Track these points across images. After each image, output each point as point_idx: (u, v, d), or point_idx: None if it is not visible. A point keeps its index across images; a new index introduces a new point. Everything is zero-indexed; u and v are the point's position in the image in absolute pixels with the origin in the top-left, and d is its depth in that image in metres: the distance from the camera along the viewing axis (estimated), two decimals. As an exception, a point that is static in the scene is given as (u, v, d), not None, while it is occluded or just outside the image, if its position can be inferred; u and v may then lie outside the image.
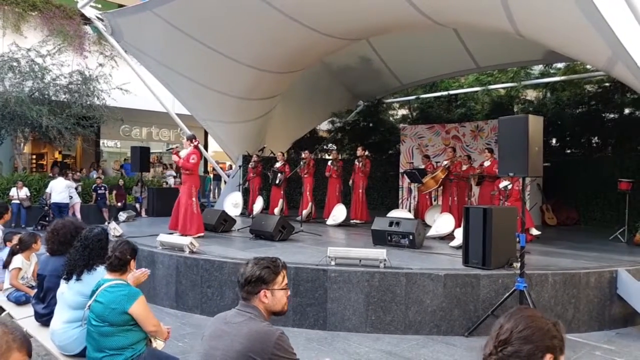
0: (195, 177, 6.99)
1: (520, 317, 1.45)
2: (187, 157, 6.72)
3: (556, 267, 5.09)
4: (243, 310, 1.98)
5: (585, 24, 5.06)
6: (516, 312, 1.49)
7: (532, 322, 1.41)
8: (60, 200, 11.42)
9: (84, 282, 2.91)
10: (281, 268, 2.07)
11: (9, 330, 1.33)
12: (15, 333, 1.34)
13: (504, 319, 1.44)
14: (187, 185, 6.86)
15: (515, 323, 1.43)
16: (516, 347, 1.37)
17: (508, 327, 1.42)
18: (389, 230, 6.25)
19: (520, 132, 4.34)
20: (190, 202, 6.82)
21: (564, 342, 1.39)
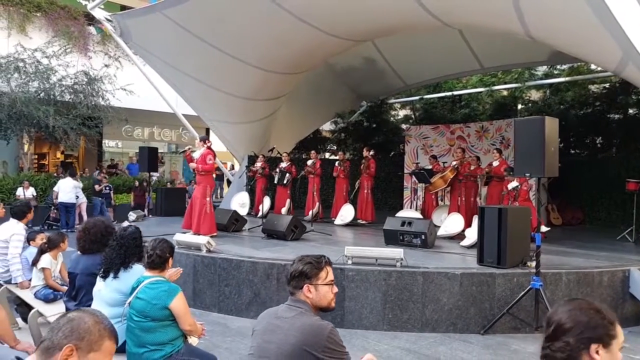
0: (210, 177, 7.07)
1: (563, 311, 1.50)
2: (203, 159, 6.80)
3: (569, 266, 5.18)
4: (293, 305, 2.05)
5: (597, 26, 5.15)
6: (562, 306, 1.54)
7: (574, 315, 1.46)
8: (67, 200, 11.47)
9: (121, 280, 2.98)
10: (324, 264, 2.13)
11: (99, 319, 1.42)
12: (105, 322, 1.44)
13: (552, 313, 1.49)
14: (202, 186, 6.93)
15: (559, 317, 1.49)
16: (561, 343, 1.43)
17: (553, 322, 1.48)
18: (401, 230, 6.33)
19: (536, 133, 4.42)
20: (204, 202, 6.89)
21: (611, 327, 1.41)
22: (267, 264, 5.16)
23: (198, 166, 6.82)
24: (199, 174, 7.01)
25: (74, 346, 1.31)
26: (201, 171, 6.88)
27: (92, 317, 1.40)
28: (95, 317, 1.41)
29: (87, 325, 1.36)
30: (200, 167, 6.80)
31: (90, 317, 1.40)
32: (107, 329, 1.41)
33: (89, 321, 1.38)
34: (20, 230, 4.68)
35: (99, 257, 3.54)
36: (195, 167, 6.90)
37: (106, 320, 1.44)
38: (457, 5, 6.41)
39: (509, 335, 4.71)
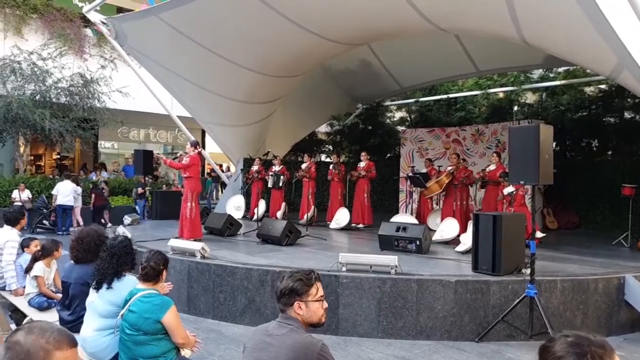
0: (193, 181, 7.04)
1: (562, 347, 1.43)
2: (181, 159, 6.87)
3: (564, 272, 5.18)
4: (284, 322, 2.03)
5: (592, 32, 5.17)
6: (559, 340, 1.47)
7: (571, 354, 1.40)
8: (66, 202, 11.48)
9: (114, 290, 2.96)
10: (314, 280, 2.12)
11: (40, 334, 1.27)
12: (47, 334, 1.28)
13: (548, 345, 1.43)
14: (185, 190, 6.97)
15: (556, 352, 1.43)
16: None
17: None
18: (396, 236, 6.32)
19: (531, 141, 4.42)
20: (185, 206, 6.90)
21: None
22: (261, 271, 5.15)
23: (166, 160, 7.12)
24: (183, 177, 7.04)
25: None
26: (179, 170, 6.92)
27: (31, 335, 1.26)
28: (33, 335, 1.27)
29: (27, 347, 1.24)
30: (168, 162, 6.96)
31: (29, 337, 1.26)
32: (52, 340, 1.27)
33: (27, 342, 1.25)
34: (14, 237, 4.66)
35: (93, 266, 3.54)
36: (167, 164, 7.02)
37: (49, 330, 1.29)
38: (454, 11, 6.41)
39: (503, 343, 4.71)
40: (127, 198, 14.85)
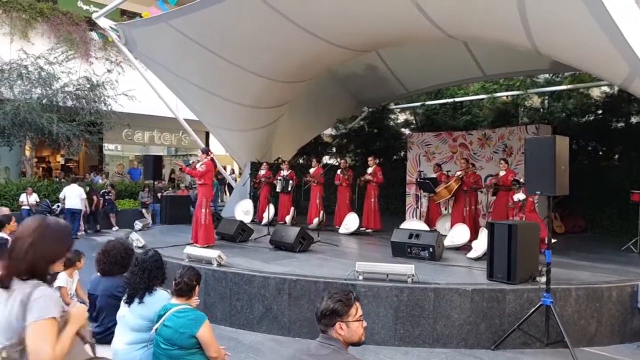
0: (207, 187, 7.13)
1: None
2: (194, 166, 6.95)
3: (578, 281, 5.23)
4: (325, 342, 2.08)
5: (605, 41, 5.21)
6: None
7: None
8: (74, 206, 11.55)
9: (146, 305, 3.01)
10: (354, 300, 2.17)
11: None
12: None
13: None
14: (199, 196, 7.04)
15: None
16: None
17: None
18: (408, 243, 6.38)
19: (547, 152, 4.47)
20: (199, 213, 6.96)
21: None
22: (278, 279, 5.20)
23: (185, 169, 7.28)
24: (197, 183, 7.11)
25: None
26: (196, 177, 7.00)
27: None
28: None
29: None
30: (187, 170, 7.04)
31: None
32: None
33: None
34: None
35: (119, 278, 3.59)
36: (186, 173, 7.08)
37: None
38: (464, 18, 6.46)
39: (519, 351, 4.76)
40: (133, 202, 14.90)
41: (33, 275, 1.80)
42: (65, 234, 1.95)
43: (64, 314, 1.80)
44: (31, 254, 1.79)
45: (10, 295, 1.77)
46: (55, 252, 1.87)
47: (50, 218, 2.02)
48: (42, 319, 1.71)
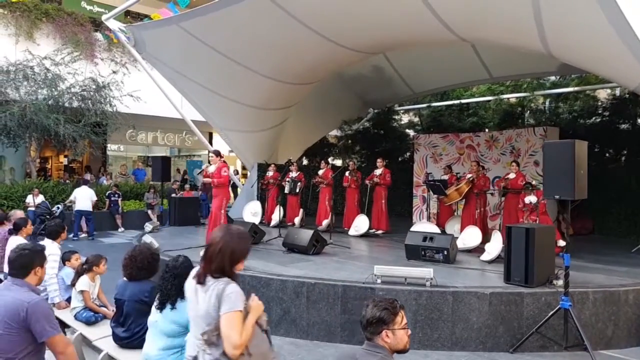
0: (226, 189, 7.16)
1: None
2: (218, 172, 6.92)
3: (594, 284, 5.27)
4: (372, 350, 2.11)
5: (620, 46, 5.25)
6: None
7: None
8: (85, 208, 11.62)
9: (178, 311, 3.02)
10: (399, 309, 2.20)
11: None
12: None
13: None
14: (219, 198, 7.05)
15: None
16: None
17: None
18: (423, 246, 6.40)
19: (566, 156, 4.50)
20: (219, 214, 6.97)
21: None
22: (296, 282, 5.22)
23: (214, 180, 6.95)
24: (215, 186, 7.10)
25: None
26: (217, 184, 6.99)
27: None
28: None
29: None
30: (215, 180, 6.92)
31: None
32: None
33: None
34: (55, 250, 4.71)
35: (146, 283, 3.61)
36: (211, 181, 7.00)
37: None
38: (478, 22, 6.48)
39: (537, 354, 4.79)
40: (139, 203, 14.91)
41: (223, 274, 2.19)
42: (245, 239, 2.32)
43: (246, 306, 2.18)
44: (220, 257, 2.19)
45: (207, 289, 2.18)
46: (238, 255, 2.24)
47: (233, 226, 2.33)
48: (232, 310, 2.11)
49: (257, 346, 2.18)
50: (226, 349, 2.08)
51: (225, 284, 2.16)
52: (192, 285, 2.29)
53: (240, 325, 2.11)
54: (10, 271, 2.66)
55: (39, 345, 2.56)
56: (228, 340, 2.07)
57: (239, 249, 2.23)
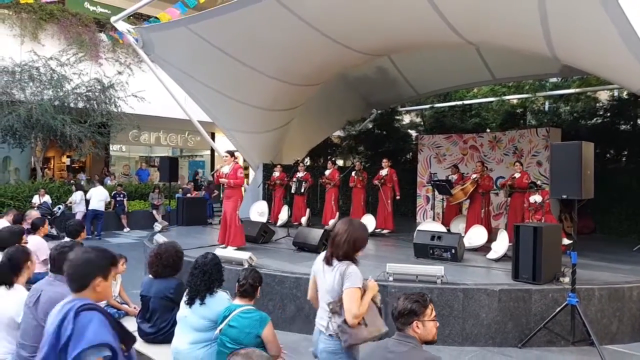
0: (240, 191, 7.26)
1: None
2: (234, 173, 6.97)
3: (599, 281, 5.41)
4: (403, 340, 2.25)
5: (624, 50, 5.39)
6: None
7: None
8: (99, 207, 12.03)
9: (207, 306, 3.16)
10: (429, 302, 2.34)
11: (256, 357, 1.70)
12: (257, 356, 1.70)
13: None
14: (233, 199, 7.11)
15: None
16: None
17: None
18: (431, 244, 6.54)
19: (573, 157, 4.65)
20: (234, 215, 7.08)
21: None
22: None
23: (230, 181, 6.97)
24: (230, 187, 7.16)
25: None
26: (233, 185, 7.05)
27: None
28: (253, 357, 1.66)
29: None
30: (232, 181, 6.97)
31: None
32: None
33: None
34: (76, 250, 4.83)
35: (171, 281, 3.74)
36: (227, 182, 7.03)
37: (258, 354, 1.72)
38: (485, 26, 6.63)
39: (545, 349, 4.93)
40: (144, 203, 15.03)
41: (346, 258, 2.67)
42: (365, 230, 2.77)
43: (364, 285, 2.65)
44: (345, 244, 2.66)
45: (333, 269, 2.69)
46: (359, 243, 2.71)
47: (355, 220, 2.73)
48: (352, 287, 2.58)
49: (372, 318, 2.65)
50: (347, 317, 2.54)
51: (348, 265, 2.63)
52: (320, 265, 2.81)
53: (359, 300, 2.57)
54: (52, 268, 2.80)
55: None
56: (349, 310, 2.53)
57: (360, 238, 2.69)
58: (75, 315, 1.90)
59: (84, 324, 1.88)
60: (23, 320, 2.68)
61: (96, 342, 1.85)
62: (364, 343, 2.61)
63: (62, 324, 1.90)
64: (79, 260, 2.04)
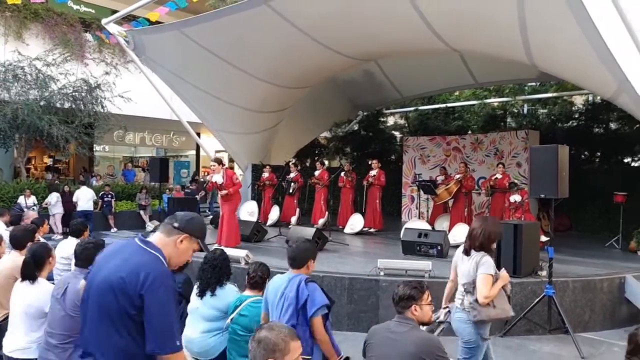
0: (238, 194, 7.46)
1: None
2: (230, 180, 7.20)
3: (573, 274, 5.84)
4: (403, 321, 2.56)
5: (597, 61, 5.82)
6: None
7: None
8: (88, 207, 12.15)
9: (217, 297, 3.42)
10: (425, 288, 2.65)
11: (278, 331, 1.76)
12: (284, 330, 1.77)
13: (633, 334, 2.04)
14: (232, 202, 7.35)
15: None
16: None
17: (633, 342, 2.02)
18: (418, 241, 6.89)
19: (551, 160, 5.05)
20: (232, 217, 7.31)
21: None
22: (305, 276, 5.63)
23: (230, 190, 7.17)
24: (228, 192, 7.34)
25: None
26: (233, 193, 7.25)
27: (273, 332, 1.75)
28: (275, 331, 1.75)
29: (273, 340, 1.72)
30: (231, 190, 7.18)
31: (272, 332, 1.75)
32: (287, 334, 1.75)
33: (272, 336, 1.73)
34: (79, 249, 5.03)
35: (179, 276, 3.98)
36: (227, 192, 7.20)
37: (283, 328, 1.78)
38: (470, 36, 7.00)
39: (525, 337, 5.32)
40: (131, 203, 15.06)
41: (482, 249, 3.27)
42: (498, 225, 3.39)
43: (497, 274, 3.24)
44: (481, 237, 3.26)
45: (470, 258, 3.30)
46: (494, 236, 3.29)
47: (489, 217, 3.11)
48: (485, 273, 3.17)
49: (501, 302, 3.23)
50: (478, 298, 3.15)
51: (482, 255, 3.23)
52: (459, 256, 3.46)
53: (490, 284, 3.15)
54: (77, 262, 3.03)
55: None
56: (480, 292, 3.13)
57: (494, 232, 3.29)
58: (305, 284, 2.81)
59: (313, 291, 2.80)
60: (50, 311, 2.91)
61: (323, 304, 2.79)
62: (490, 321, 3.24)
63: (298, 291, 2.79)
64: (301, 248, 2.99)
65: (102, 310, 1.88)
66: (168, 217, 2.18)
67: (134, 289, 1.85)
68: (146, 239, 2.04)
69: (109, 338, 1.86)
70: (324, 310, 2.79)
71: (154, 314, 1.86)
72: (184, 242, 2.06)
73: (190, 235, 2.08)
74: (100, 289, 1.91)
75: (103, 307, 1.88)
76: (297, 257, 2.94)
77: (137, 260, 1.92)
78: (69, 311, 2.82)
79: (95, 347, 1.85)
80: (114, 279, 1.87)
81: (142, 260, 1.92)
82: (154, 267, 1.92)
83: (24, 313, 3.02)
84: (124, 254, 1.97)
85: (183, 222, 2.08)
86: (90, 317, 1.94)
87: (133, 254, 1.95)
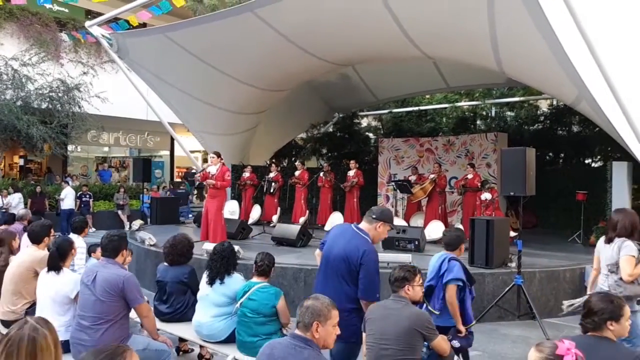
0: (225, 191, 7.72)
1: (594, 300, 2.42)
2: (221, 175, 7.44)
3: (539, 265, 6.39)
4: (398, 299, 2.96)
5: (559, 70, 6.38)
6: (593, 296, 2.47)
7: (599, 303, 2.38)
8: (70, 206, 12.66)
9: (226, 285, 3.76)
10: (418, 272, 3.06)
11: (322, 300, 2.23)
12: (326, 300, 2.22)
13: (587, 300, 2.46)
14: (218, 199, 7.58)
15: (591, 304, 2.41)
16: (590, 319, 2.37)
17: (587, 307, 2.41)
18: (396, 237, 7.34)
19: (519, 160, 5.56)
20: (219, 214, 7.58)
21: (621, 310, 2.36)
22: (295, 269, 6.01)
23: (217, 183, 7.42)
24: (217, 189, 7.59)
25: (318, 322, 2.16)
26: (220, 187, 7.50)
27: (318, 301, 2.22)
28: (319, 300, 2.22)
29: (318, 307, 2.18)
30: (219, 183, 7.42)
31: (317, 302, 2.22)
32: (330, 303, 2.22)
33: (317, 304, 2.20)
34: (81, 244, 5.24)
35: (185, 267, 4.30)
36: (214, 184, 7.46)
37: (326, 299, 2.24)
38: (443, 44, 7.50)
39: (497, 323, 5.82)
40: (109, 203, 15.07)
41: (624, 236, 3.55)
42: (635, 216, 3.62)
43: (639, 256, 3.49)
44: (622, 228, 3.56)
45: (612, 245, 3.59)
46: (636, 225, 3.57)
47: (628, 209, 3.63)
48: (627, 254, 3.47)
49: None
50: (622, 276, 3.48)
51: (624, 240, 3.54)
52: (601, 245, 3.75)
53: (633, 264, 3.45)
54: (104, 253, 3.32)
55: (127, 311, 3.23)
56: (624, 270, 3.46)
57: (634, 221, 3.58)
58: (448, 261, 3.61)
59: (452, 266, 3.57)
60: (81, 297, 3.18)
61: (456, 277, 3.53)
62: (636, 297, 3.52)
63: (442, 264, 3.63)
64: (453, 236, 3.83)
65: (338, 272, 3.06)
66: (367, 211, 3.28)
67: (356, 259, 2.99)
68: (358, 225, 3.20)
69: (341, 287, 3.04)
70: (458, 282, 3.53)
71: (366, 274, 3.01)
72: (380, 227, 3.14)
73: (384, 222, 3.14)
74: (335, 259, 3.10)
75: (338, 270, 3.06)
76: (451, 242, 3.77)
77: (356, 242, 3.06)
78: (99, 296, 3.10)
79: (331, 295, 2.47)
80: (345, 254, 3.05)
81: (359, 242, 3.05)
82: (366, 245, 3.05)
83: (52, 300, 3.29)
84: (346, 237, 3.14)
85: (377, 213, 3.18)
86: (331, 276, 3.11)
87: (353, 236, 3.11)
